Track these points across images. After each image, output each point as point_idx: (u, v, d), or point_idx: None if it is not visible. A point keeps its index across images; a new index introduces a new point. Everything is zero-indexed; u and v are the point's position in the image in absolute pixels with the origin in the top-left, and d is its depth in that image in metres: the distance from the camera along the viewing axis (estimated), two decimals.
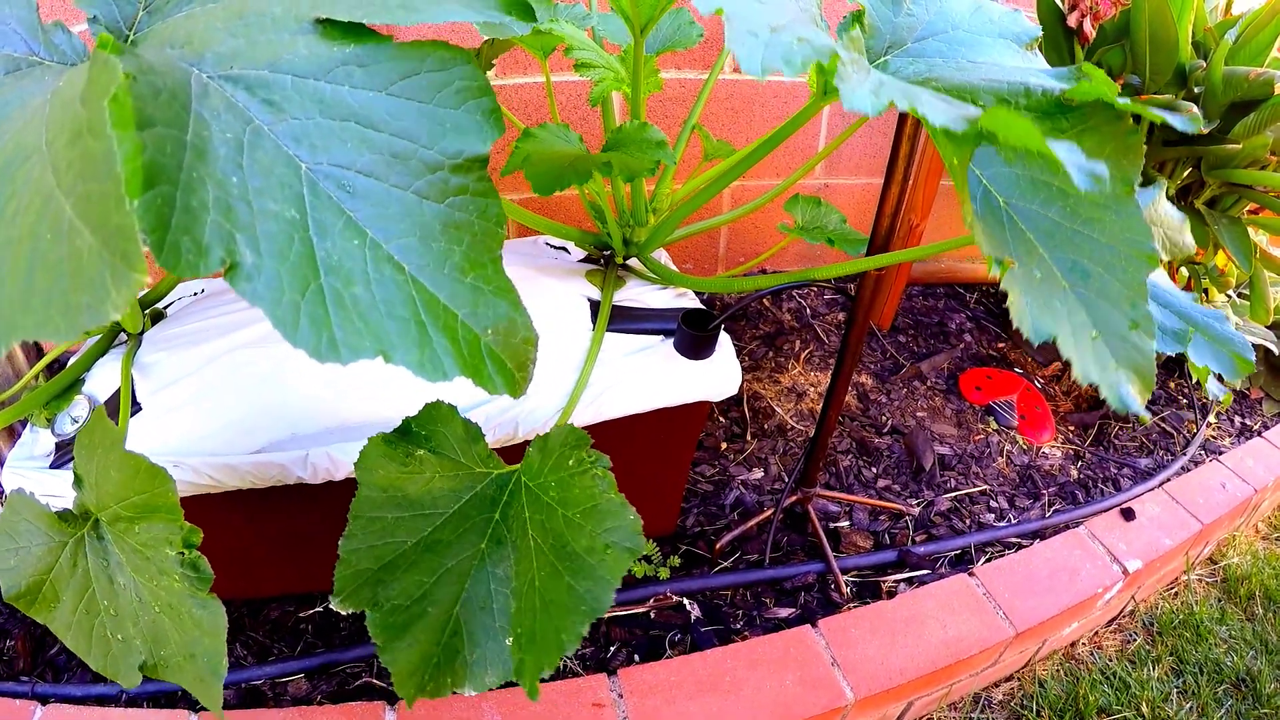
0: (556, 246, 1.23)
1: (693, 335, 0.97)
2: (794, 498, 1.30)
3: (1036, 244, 0.60)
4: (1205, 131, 1.41)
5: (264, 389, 0.90)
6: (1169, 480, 1.54)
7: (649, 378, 0.98)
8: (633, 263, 1.14)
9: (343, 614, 1.08)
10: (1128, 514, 1.42)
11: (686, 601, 1.19)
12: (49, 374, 1.31)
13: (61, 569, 0.72)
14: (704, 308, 1.02)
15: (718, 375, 1.00)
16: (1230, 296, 1.77)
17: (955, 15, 0.77)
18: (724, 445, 1.48)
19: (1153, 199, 0.92)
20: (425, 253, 0.43)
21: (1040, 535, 1.38)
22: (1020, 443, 1.59)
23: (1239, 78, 1.35)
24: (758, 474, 1.42)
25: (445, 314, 0.43)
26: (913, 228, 1.63)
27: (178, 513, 0.64)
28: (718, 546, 1.26)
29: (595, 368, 0.95)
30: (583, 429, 0.76)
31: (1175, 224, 0.93)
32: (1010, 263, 0.55)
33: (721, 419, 1.53)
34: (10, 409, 0.87)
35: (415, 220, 0.44)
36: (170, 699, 1.02)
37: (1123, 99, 0.59)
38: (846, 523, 1.36)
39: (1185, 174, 1.52)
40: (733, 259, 1.87)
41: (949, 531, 1.37)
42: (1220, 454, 1.64)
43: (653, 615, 1.16)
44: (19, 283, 0.40)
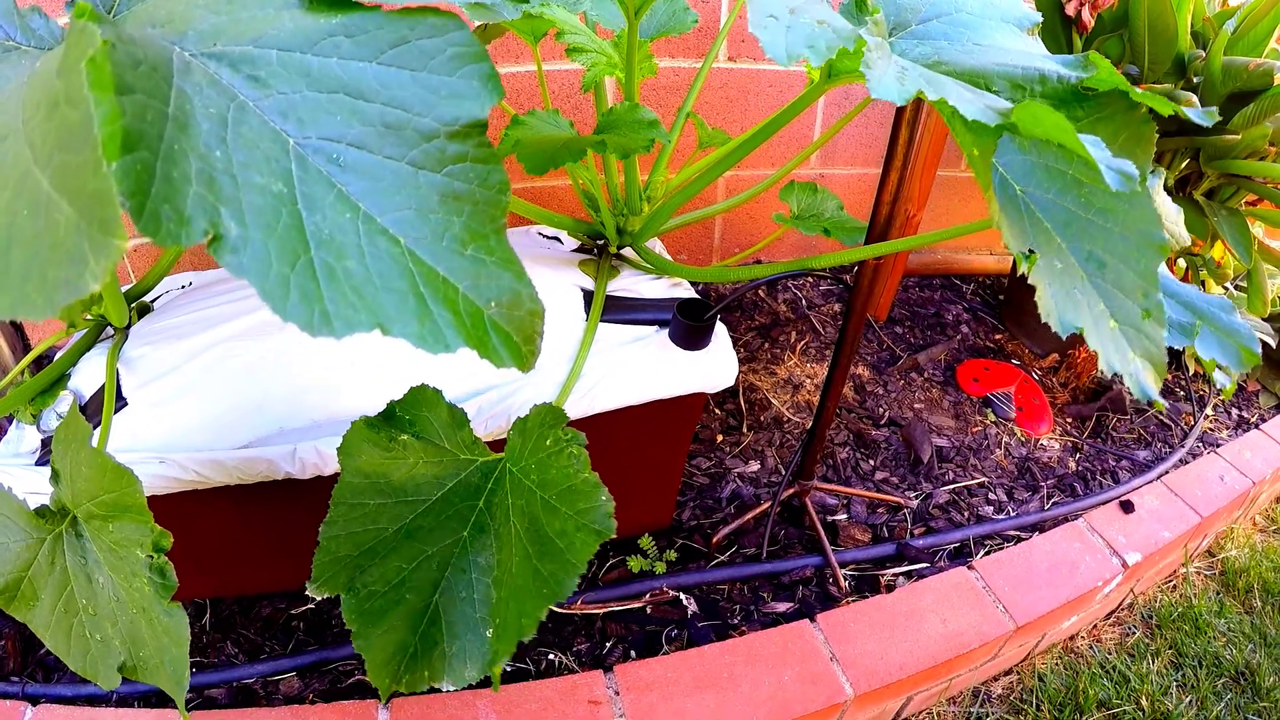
0: (549, 236, 1.21)
1: (689, 325, 0.96)
2: (791, 490, 1.28)
3: (1054, 234, 0.59)
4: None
5: (251, 383, 0.88)
6: (1167, 473, 1.53)
7: (644, 369, 0.96)
8: (627, 252, 1.12)
9: (337, 612, 1.07)
10: (1126, 506, 1.42)
11: (683, 596, 1.17)
12: (35, 369, 1.28)
13: (40, 566, 0.70)
14: (700, 297, 1.01)
15: (714, 366, 0.99)
16: (1228, 289, 1.77)
17: None
18: (720, 438, 1.46)
19: (1151, 189, 0.92)
20: (422, 225, 0.41)
21: (1039, 528, 1.37)
22: (1018, 435, 1.58)
23: (1238, 68, 1.35)
24: (754, 467, 1.41)
25: (445, 287, 0.41)
26: (909, 218, 1.62)
27: (147, 514, 0.62)
28: (714, 540, 1.24)
29: (589, 358, 0.93)
30: (575, 420, 0.75)
31: (1172, 215, 0.92)
32: (1037, 256, 0.54)
33: (717, 411, 1.52)
34: None
35: (411, 192, 0.42)
36: (161, 699, 1.00)
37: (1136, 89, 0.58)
38: (844, 515, 1.35)
39: (1184, 165, 1.51)
40: (727, 250, 1.85)
41: (947, 524, 1.36)
42: (1218, 446, 1.64)
43: (649, 611, 1.15)
44: None
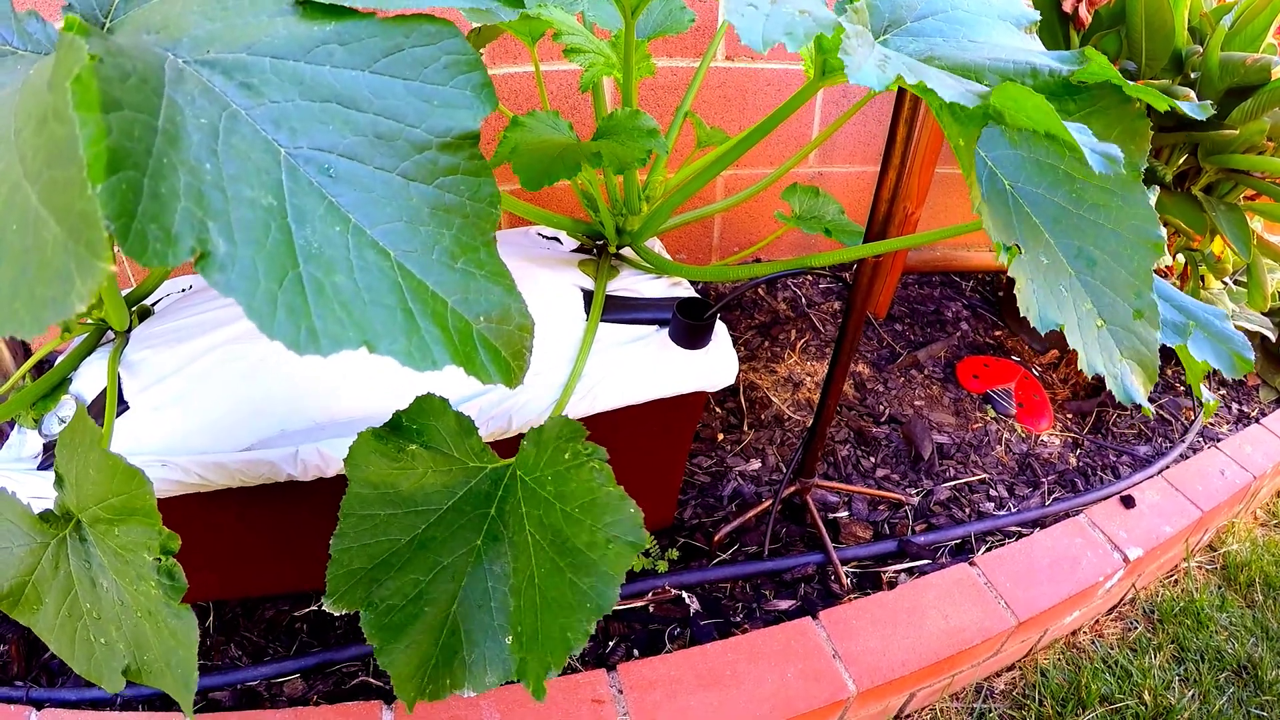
0: (548, 237, 1.21)
1: (689, 324, 0.96)
2: (792, 488, 1.28)
3: (1043, 229, 0.59)
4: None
5: (252, 385, 0.88)
6: (1168, 467, 1.53)
7: (644, 368, 0.96)
8: (626, 252, 1.12)
9: (339, 615, 1.07)
10: (1127, 501, 1.42)
11: (685, 595, 1.17)
12: (36, 374, 1.29)
13: (44, 570, 0.70)
14: (699, 296, 1.01)
15: (714, 364, 0.99)
16: (1226, 283, 1.77)
17: None
18: (721, 436, 1.46)
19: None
20: (412, 237, 0.41)
21: (1040, 524, 1.37)
22: (1019, 431, 1.58)
23: (1235, 63, 1.34)
24: (755, 465, 1.41)
25: (434, 301, 0.41)
26: (908, 216, 1.62)
27: (156, 516, 0.62)
28: (716, 539, 1.25)
29: (589, 358, 0.93)
30: (577, 420, 0.75)
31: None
32: (1018, 249, 0.54)
33: (718, 409, 1.52)
34: None
35: (401, 204, 0.42)
36: (165, 702, 1.00)
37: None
38: (845, 513, 1.35)
39: (1182, 160, 1.51)
40: (726, 249, 1.85)
41: (949, 521, 1.36)
42: (1219, 441, 1.64)
43: (651, 609, 1.15)
44: None
